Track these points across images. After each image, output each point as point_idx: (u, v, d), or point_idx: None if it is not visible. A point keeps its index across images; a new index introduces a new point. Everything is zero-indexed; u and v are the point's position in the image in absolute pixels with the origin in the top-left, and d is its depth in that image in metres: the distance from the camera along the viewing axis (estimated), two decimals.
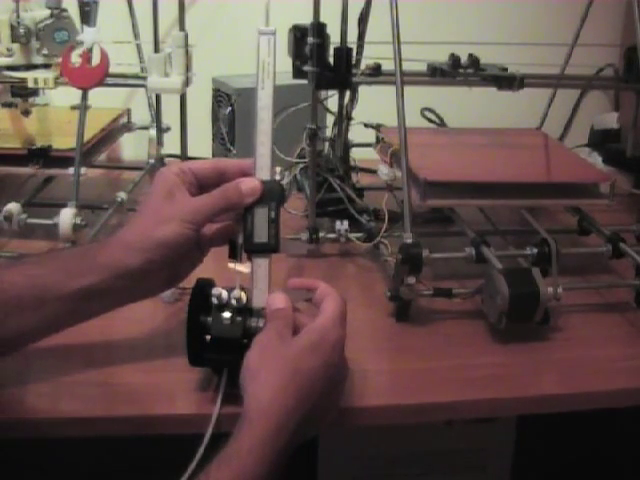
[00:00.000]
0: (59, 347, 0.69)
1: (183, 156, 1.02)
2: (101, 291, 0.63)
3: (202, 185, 0.67)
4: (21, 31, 0.88)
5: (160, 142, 1.12)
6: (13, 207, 0.86)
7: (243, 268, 0.66)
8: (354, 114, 1.01)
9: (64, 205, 0.86)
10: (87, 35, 0.88)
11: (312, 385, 0.58)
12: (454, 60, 0.93)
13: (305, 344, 0.60)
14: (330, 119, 1.04)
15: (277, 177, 0.66)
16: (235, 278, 0.65)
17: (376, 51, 0.90)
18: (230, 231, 0.68)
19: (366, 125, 1.05)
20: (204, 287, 0.65)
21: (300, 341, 0.60)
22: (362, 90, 0.96)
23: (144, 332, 0.76)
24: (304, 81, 0.90)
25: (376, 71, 0.93)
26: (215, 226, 0.68)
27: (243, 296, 0.64)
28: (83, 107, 0.89)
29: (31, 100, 0.95)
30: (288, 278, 0.70)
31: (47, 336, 0.64)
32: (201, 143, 1.15)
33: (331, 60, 0.90)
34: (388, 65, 0.86)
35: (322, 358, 0.59)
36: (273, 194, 0.65)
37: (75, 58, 0.88)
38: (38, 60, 0.90)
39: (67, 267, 0.63)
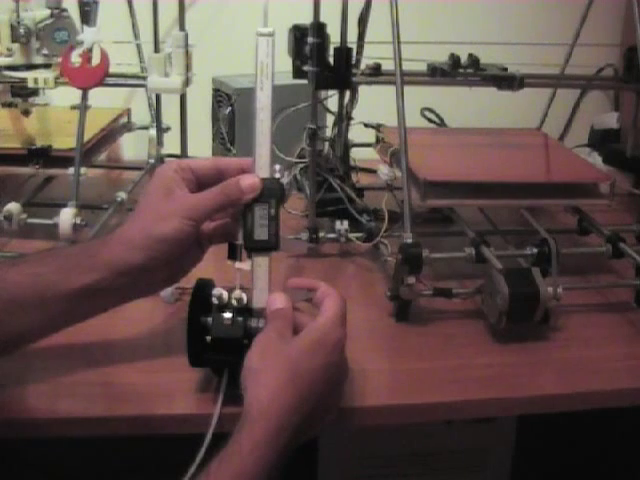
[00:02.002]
0: (59, 347, 0.69)
1: (183, 156, 1.02)
2: (102, 289, 0.63)
3: (201, 183, 0.66)
4: (21, 31, 0.88)
5: (160, 142, 1.12)
6: (13, 207, 0.86)
7: (243, 265, 0.65)
8: (354, 114, 1.01)
9: (64, 205, 0.86)
10: (87, 35, 0.88)
11: (312, 385, 0.58)
12: (454, 60, 0.93)
13: (305, 344, 0.60)
14: (330, 119, 1.04)
15: (277, 175, 0.66)
16: (235, 278, 0.65)
17: (376, 51, 0.90)
18: (229, 228, 0.67)
19: (366, 125, 1.05)
20: (204, 287, 0.65)
21: (300, 341, 0.60)
22: (362, 90, 0.96)
23: (144, 332, 0.76)
24: (304, 81, 0.90)
25: (376, 71, 0.93)
26: (214, 224, 0.68)
27: (243, 296, 0.64)
28: (83, 107, 0.89)
29: (31, 100, 0.95)
30: (288, 278, 0.70)
31: (48, 335, 0.64)
32: (201, 143, 1.15)
33: (331, 60, 0.90)
34: (388, 65, 0.86)
35: (323, 358, 0.59)
36: (273, 192, 0.65)
37: (75, 58, 0.88)
38: (38, 60, 0.90)
39: (68, 265, 0.63)
